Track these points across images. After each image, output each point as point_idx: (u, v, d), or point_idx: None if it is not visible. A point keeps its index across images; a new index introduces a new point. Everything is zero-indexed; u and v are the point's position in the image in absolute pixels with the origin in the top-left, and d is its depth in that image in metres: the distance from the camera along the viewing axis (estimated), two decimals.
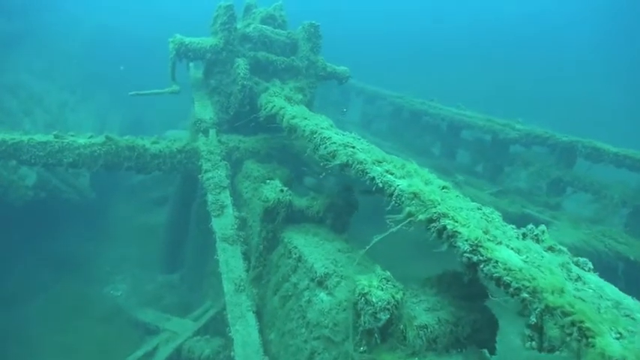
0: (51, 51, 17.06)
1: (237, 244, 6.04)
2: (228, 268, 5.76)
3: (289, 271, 5.23)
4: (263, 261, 5.84)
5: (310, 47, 8.48)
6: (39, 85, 14.25)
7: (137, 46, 22.77)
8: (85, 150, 6.84)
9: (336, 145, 4.94)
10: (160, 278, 10.16)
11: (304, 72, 8.47)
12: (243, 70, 7.64)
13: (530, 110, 22.36)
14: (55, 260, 10.07)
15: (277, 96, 7.27)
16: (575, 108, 29.09)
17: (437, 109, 13.29)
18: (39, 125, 12.20)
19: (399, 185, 3.97)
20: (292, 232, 5.59)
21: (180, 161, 7.31)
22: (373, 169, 4.33)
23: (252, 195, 6.69)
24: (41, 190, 9.30)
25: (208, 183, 6.69)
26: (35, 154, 6.69)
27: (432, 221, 3.54)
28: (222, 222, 6.26)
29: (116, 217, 12.66)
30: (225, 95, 8.00)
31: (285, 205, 5.52)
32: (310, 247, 5.22)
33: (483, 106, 14.03)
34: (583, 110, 28.66)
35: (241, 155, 7.58)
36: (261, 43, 8.26)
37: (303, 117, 6.01)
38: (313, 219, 5.87)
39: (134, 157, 7.04)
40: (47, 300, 9.08)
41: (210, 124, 7.58)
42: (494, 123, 11.53)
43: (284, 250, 5.46)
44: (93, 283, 9.90)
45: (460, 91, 21.56)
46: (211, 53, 7.81)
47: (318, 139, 5.32)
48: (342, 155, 4.76)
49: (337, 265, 4.85)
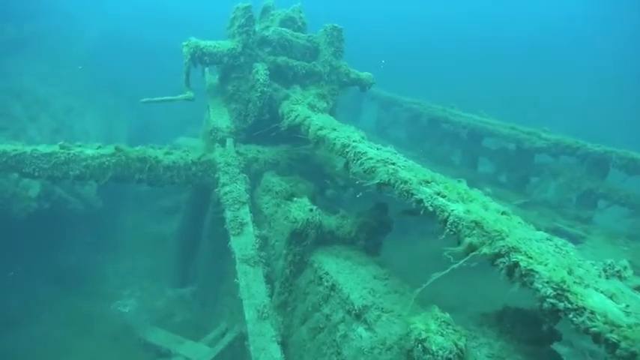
0: (57, 55, 16.60)
1: (259, 266, 5.53)
2: (250, 293, 5.25)
3: (320, 300, 4.72)
4: (289, 286, 5.32)
5: (332, 52, 7.98)
6: (44, 89, 13.77)
7: (144, 50, 22.35)
8: (93, 162, 6.34)
9: (374, 162, 4.43)
10: (170, 292, 9.70)
11: (326, 78, 7.96)
12: (263, 75, 7.14)
13: (544, 118, 21.82)
14: (60, 275, 9.60)
15: (300, 104, 6.77)
16: (591, 115, 28.48)
17: (457, 116, 12.76)
18: (44, 131, 11.72)
19: (455, 211, 3.46)
20: (322, 255, 5.07)
21: (195, 174, 6.80)
22: (421, 191, 3.81)
23: (274, 211, 6.18)
24: (45, 201, 8.81)
25: (226, 198, 6.18)
26: (39, 166, 6.20)
27: (500, 256, 3.03)
28: (242, 241, 5.74)
29: (124, 226, 12.18)
30: (243, 102, 7.49)
31: (315, 226, 5.01)
32: (344, 273, 4.71)
33: (494, 113, 13.54)
34: (598, 117, 28.05)
35: (260, 167, 7.08)
36: (281, 47, 7.75)
37: (331, 128, 5.50)
38: (344, 240, 5.36)
39: (146, 169, 6.54)
40: (52, 318, 8.59)
41: (227, 134, 7.08)
42: (518, 131, 10.99)
43: (313, 276, 4.94)
44: (100, 299, 9.41)
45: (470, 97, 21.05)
46: (228, 58, 7.30)
47: (351, 153, 4.81)
48: (381, 173, 4.25)
49: (375, 295, 4.34)
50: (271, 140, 7.48)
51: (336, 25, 7.95)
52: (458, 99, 14.12)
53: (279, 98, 7.38)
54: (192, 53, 7.08)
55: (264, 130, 7.18)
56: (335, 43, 8.00)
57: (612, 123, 26.92)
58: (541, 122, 12.43)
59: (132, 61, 21.20)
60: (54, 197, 9.07)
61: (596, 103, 31.31)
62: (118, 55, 20.61)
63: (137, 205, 12.81)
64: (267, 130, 7.12)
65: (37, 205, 8.43)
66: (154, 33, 24.30)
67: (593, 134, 11.83)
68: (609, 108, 30.21)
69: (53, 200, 9.05)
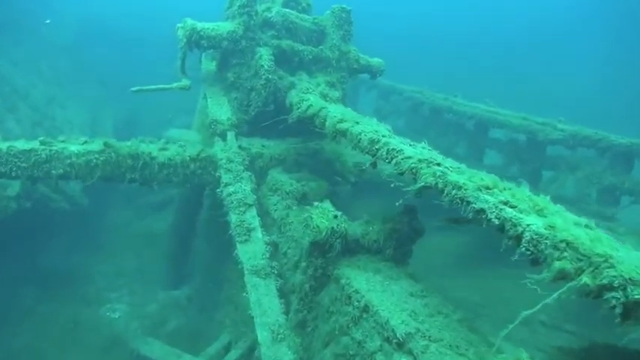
0: (37, 42, 15.63)
1: (271, 279, 4.86)
2: (262, 310, 4.57)
3: (349, 322, 4.06)
4: (308, 303, 4.66)
5: (341, 35, 7.28)
6: (23, 78, 12.87)
7: (129, 38, 21.42)
8: (78, 159, 5.56)
9: (414, 162, 3.76)
10: (163, 295, 9.01)
11: (334, 64, 7.26)
12: (267, 61, 6.43)
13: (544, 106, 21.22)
14: (42, 277, 8.87)
15: (312, 93, 6.08)
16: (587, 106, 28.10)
17: (462, 106, 12.10)
18: (24, 123, 10.87)
19: (532, 226, 2.80)
20: (348, 269, 4.41)
21: (194, 172, 6.05)
22: (481, 199, 3.16)
23: (285, 215, 5.50)
24: (26, 200, 8.00)
25: (230, 199, 5.47)
26: (17, 165, 5.37)
27: (611, 289, 2.36)
28: (250, 249, 5.06)
29: (110, 224, 11.45)
30: (245, 91, 6.76)
31: (340, 235, 4.33)
32: (376, 291, 4.05)
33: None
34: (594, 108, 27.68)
35: (265, 164, 6.38)
36: (286, 29, 7.03)
37: (353, 121, 4.82)
38: (369, 249, 4.70)
39: (138, 167, 5.78)
40: (34, 326, 7.88)
41: (227, 126, 6.36)
42: (531, 122, 10.36)
43: (339, 294, 4.27)
44: (86, 304, 8.72)
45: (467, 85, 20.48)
46: (228, 41, 6.55)
47: (382, 151, 4.14)
48: (426, 176, 3.58)
49: (418, 318, 3.69)
50: (275, 133, 6.79)
51: (344, 6, 7.25)
52: (456, 88, 13.52)
53: (284, 87, 6.67)
54: (189, 37, 6.33)
55: (269, 122, 6.46)
56: (344, 26, 7.31)
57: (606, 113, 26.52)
58: (541, 111, 11.85)
59: (115, 49, 20.28)
60: (36, 195, 8.26)
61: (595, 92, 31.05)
62: (101, 43, 19.72)
63: (123, 201, 12.04)
64: (272, 122, 6.40)
65: (16, 205, 7.63)
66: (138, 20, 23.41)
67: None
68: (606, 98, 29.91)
69: (35, 199, 8.24)
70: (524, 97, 29.20)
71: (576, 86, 33.52)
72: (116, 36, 21.02)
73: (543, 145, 10.37)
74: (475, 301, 8.66)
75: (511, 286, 9.13)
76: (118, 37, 21.08)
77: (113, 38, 20.69)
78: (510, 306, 8.51)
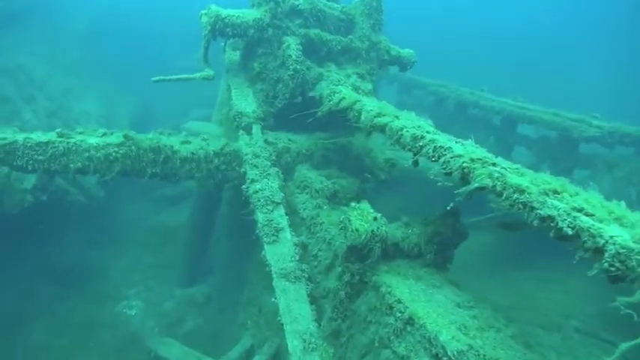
0: (54, 32, 15.42)
1: (301, 283, 4.52)
2: (292, 317, 4.24)
3: (390, 335, 3.71)
4: (343, 311, 4.32)
5: (371, 25, 6.92)
6: (40, 68, 12.65)
7: (146, 28, 21.17)
8: (97, 153, 5.25)
9: (466, 161, 3.41)
10: (179, 293, 8.75)
11: (364, 55, 6.89)
12: (296, 51, 6.07)
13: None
14: (58, 273, 8.65)
15: (343, 85, 5.72)
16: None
17: (490, 101, 11.68)
18: (40, 114, 10.64)
19: (616, 238, 2.44)
20: (388, 275, 4.07)
21: (217, 167, 5.72)
22: (548, 204, 2.80)
23: (315, 214, 5.15)
24: (42, 193, 7.74)
25: (256, 197, 5.14)
26: (33, 158, 5.07)
27: None
28: (279, 251, 4.73)
29: (126, 218, 11.22)
30: (271, 83, 6.41)
31: (380, 239, 3.98)
32: (420, 301, 3.70)
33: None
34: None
35: (292, 159, 6.04)
36: (314, 18, 6.66)
37: (393, 115, 4.46)
38: (409, 254, 4.35)
39: (160, 161, 5.46)
40: (49, 324, 7.65)
41: (253, 119, 6.02)
42: (564, 118, 9.92)
43: (379, 303, 3.93)
44: (102, 300, 8.46)
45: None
46: (255, 30, 6.20)
47: (428, 148, 3.79)
48: (482, 177, 3.24)
49: (469, 333, 3.34)
50: (300, 127, 6.45)
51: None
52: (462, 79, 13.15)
53: (312, 78, 6.32)
54: (213, 24, 5.99)
55: (297, 114, 6.11)
56: (374, 14, 6.95)
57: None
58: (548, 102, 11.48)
59: (131, 39, 20.03)
60: (52, 188, 8.00)
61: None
62: (117, 33, 19.45)
63: (139, 193, 11.79)
64: (301, 114, 6.04)
65: (32, 198, 7.37)
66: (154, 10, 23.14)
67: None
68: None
69: (51, 192, 7.98)
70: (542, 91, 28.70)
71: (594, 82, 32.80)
72: (132, 26, 20.79)
73: (576, 143, 9.93)
74: (505, 305, 8.27)
75: (540, 289, 8.79)
76: (133, 27, 20.85)
77: (129, 28, 20.44)
78: (541, 311, 8.15)
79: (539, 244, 8.33)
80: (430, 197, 9.72)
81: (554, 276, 8.69)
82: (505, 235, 8.79)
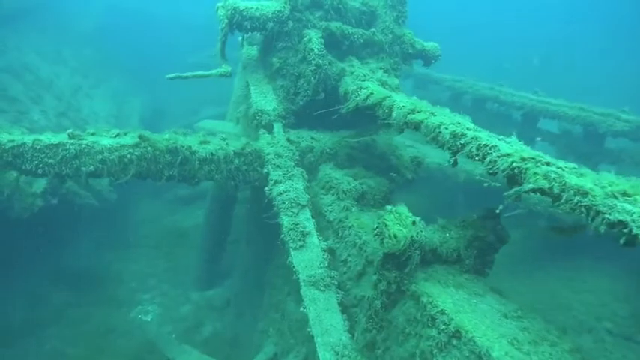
0: (61, 30, 15.21)
1: (331, 291, 4.24)
2: (323, 328, 3.96)
3: (433, 349, 3.41)
4: (379, 322, 4.02)
5: (394, 17, 6.60)
6: (48, 67, 12.43)
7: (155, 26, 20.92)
8: (111, 155, 4.96)
9: (516, 160, 3.13)
10: (196, 296, 8.51)
11: (387, 49, 6.59)
12: (318, 44, 5.76)
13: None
14: (71, 278, 8.41)
15: (370, 80, 5.43)
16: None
17: (510, 96, 11.34)
18: (49, 114, 10.41)
19: None
20: (427, 283, 3.77)
21: (238, 168, 5.41)
22: (619, 209, 2.50)
23: (343, 217, 4.86)
24: (52, 197, 7.50)
25: (280, 200, 4.85)
26: (43, 161, 4.78)
27: None
28: (306, 257, 4.44)
29: (138, 220, 10.99)
30: (292, 78, 6.10)
31: (420, 245, 3.68)
32: (466, 312, 3.40)
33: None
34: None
35: (316, 159, 5.74)
36: (334, 10, 6.36)
37: (429, 111, 4.17)
38: (447, 259, 4.06)
39: (177, 163, 5.16)
40: (62, 331, 7.42)
41: (274, 117, 5.74)
42: (590, 113, 9.57)
43: (420, 314, 3.63)
44: (117, 306, 8.24)
45: None
46: (274, 23, 5.90)
47: (471, 147, 3.50)
48: (537, 178, 2.94)
49: (522, 348, 3.05)
50: (322, 125, 6.17)
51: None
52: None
53: (334, 73, 6.02)
54: (230, 17, 5.70)
55: (321, 111, 5.81)
56: (397, 6, 6.62)
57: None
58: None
59: (140, 37, 19.81)
60: (62, 191, 7.76)
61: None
62: (126, 31, 19.22)
63: (151, 194, 11.54)
64: (325, 111, 5.74)
65: (42, 202, 7.13)
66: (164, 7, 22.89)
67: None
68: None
69: (62, 195, 7.74)
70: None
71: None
72: (140, 24, 20.54)
73: (603, 138, 9.59)
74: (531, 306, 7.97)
75: (566, 289, 8.49)
76: (142, 25, 20.59)
77: (137, 26, 20.21)
78: (569, 312, 7.85)
79: (561, 242, 8.05)
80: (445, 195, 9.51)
81: (578, 275, 8.42)
82: (527, 233, 8.50)
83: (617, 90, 26.04)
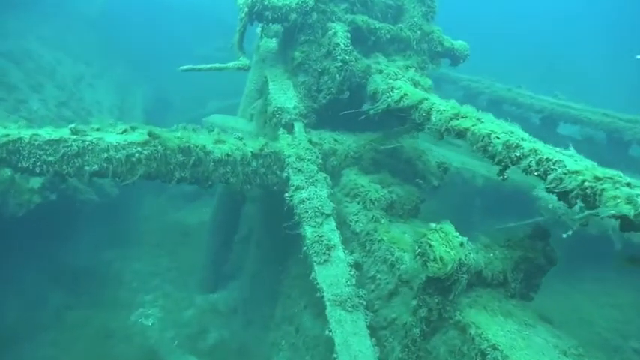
0: (64, 16, 14.72)
1: (360, 312, 3.83)
2: (351, 355, 3.55)
3: None
4: (416, 351, 3.61)
5: (423, 13, 6.19)
6: (50, 54, 11.95)
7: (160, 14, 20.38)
8: (117, 153, 4.49)
9: (589, 180, 2.73)
10: (200, 300, 8.10)
11: (414, 46, 6.16)
12: (344, 39, 5.34)
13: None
14: (70, 279, 7.98)
15: (402, 80, 5.00)
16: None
17: (528, 98, 10.94)
18: (49, 104, 9.92)
19: None
20: (472, 310, 3.36)
21: (256, 171, 4.96)
22: None
23: (372, 229, 4.45)
24: (51, 192, 7.05)
25: (303, 208, 4.43)
26: (42, 158, 4.29)
27: None
28: (332, 273, 4.03)
29: (141, 216, 10.59)
30: (315, 75, 5.66)
31: (468, 269, 3.27)
32: (520, 348, 3.00)
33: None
34: None
35: (339, 163, 5.32)
36: (360, 3, 5.93)
37: (475, 117, 3.75)
38: (491, 282, 3.65)
39: (190, 164, 4.72)
40: (58, 336, 6.99)
41: (295, 116, 5.31)
42: (614, 118, 9.18)
43: (467, 347, 3.22)
44: (117, 308, 7.80)
45: None
46: (297, 14, 5.46)
47: (529, 160, 3.09)
48: (617, 202, 2.54)
49: None
50: (344, 125, 5.75)
51: None
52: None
53: (359, 70, 5.59)
54: (251, 6, 5.27)
55: (347, 112, 5.38)
56: (426, 1, 6.22)
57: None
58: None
59: (145, 26, 19.27)
60: (61, 187, 7.31)
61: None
62: (130, 19, 18.69)
63: (154, 189, 11.11)
64: (351, 112, 5.32)
65: (40, 199, 6.69)
66: None
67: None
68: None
69: (61, 190, 7.30)
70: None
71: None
72: (147, 12, 19.99)
73: (627, 145, 9.20)
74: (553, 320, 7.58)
75: (589, 303, 8.12)
76: (149, 11, 20.05)
77: (143, 14, 19.66)
78: (592, 328, 7.49)
79: (585, 255, 7.67)
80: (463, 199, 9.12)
81: (602, 289, 8.07)
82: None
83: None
